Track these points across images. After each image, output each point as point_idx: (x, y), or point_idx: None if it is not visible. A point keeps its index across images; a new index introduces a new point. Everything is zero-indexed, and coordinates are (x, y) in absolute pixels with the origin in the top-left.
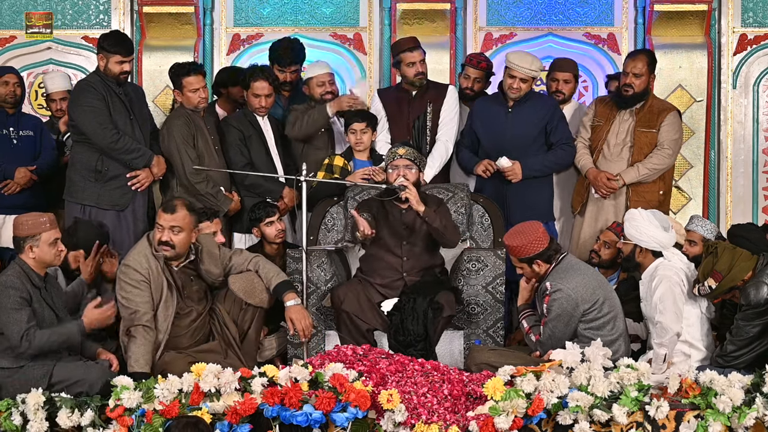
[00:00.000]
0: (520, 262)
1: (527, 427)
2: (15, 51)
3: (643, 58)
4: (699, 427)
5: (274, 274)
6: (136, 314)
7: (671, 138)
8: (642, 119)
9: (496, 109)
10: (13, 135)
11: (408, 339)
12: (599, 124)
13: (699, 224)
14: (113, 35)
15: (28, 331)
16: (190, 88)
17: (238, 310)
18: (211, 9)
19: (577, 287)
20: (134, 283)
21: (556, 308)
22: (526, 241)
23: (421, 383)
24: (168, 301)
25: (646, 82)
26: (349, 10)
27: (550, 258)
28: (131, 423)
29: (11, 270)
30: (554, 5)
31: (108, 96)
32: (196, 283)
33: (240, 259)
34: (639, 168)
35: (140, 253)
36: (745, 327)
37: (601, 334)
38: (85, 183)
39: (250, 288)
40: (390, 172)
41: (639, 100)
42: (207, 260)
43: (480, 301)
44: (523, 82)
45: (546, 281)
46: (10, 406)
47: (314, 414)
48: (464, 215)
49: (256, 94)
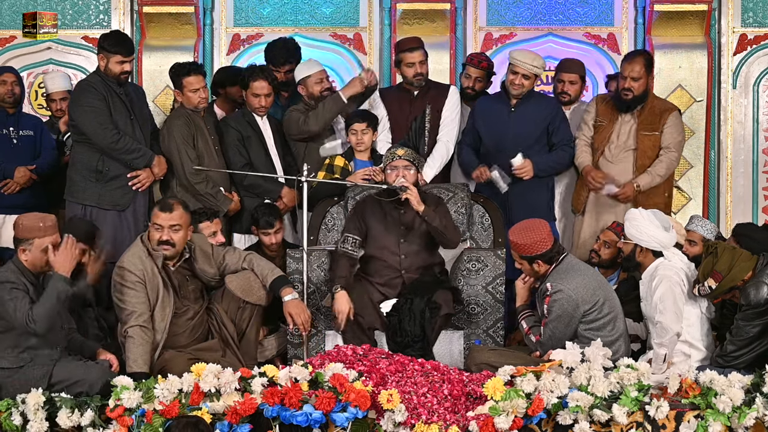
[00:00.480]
0: (521, 259)
1: (527, 427)
2: (15, 51)
3: (640, 60)
4: (699, 427)
5: (269, 271)
6: (133, 315)
7: (676, 140)
8: (644, 121)
9: (499, 107)
10: (13, 135)
11: (405, 340)
12: (602, 123)
13: (699, 224)
14: (113, 35)
15: (29, 312)
16: (190, 88)
17: (235, 308)
18: (211, 9)
19: (577, 288)
20: (130, 284)
21: (557, 309)
22: (531, 240)
23: (421, 383)
24: (165, 300)
25: (645, 84)
26: (349, 10)
27: (551, 259)
28: (131, 423)
29: (6, 267)
30: (554, 5)
31: (109, 96)
32: (192, 282)
33: (234, 258)
34: (653, 174)
35: (134, 255)
36: (745, 327)
37: (601, 334)
38: (86, 183)
39: (247, 286)
40: (389, 173)
41: (639, 102)
42: (201, 259)
43: (480, 301)
44: (525, 79)
45: (546, 282)
46: (10, 406)
47: (314, 414)
48: (464, 215)
49: (256, 93)
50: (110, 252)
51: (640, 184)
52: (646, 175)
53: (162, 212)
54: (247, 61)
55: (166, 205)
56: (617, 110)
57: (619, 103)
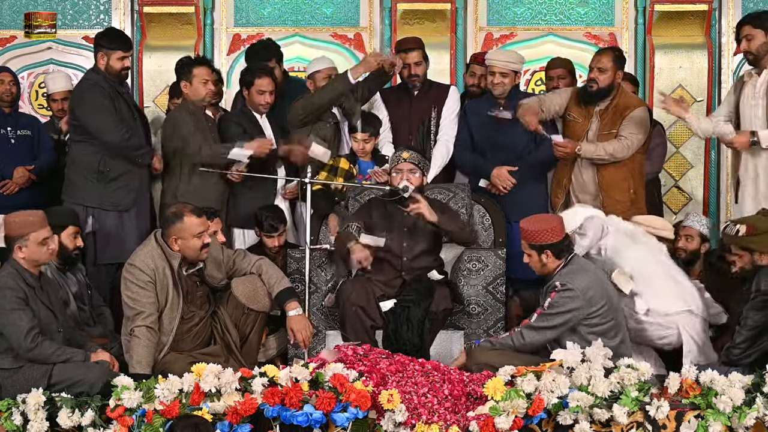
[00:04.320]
0: (530, 248)
1: (527, 427)
2: (15, 51)
3: (609, 53)
4: (699, 427)
5: (276, 280)
6: (141, 315)
7: (629, 131)
8: (606, 122)
9: (487, 109)
10: (10, 134)
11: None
12: (575, 120)
13: (695, 220)
14: (110, 32)
15: (33, 331)
16: (200, 79)
17: (240, 314)
18: (212, 9)
19: (587, 289)
20: (141, 283)
21: (562, 305)
22: (542, 227)
23: (422, 383)
24: (174, 303)
25: (612, 78)
26: (349, 10)
27: (560, 253)
28: (132, 423)
29: (4, 271)
30: (554, 5)
31: (113, 95)
32: (200, 288)
33: (244, 264)
34: (598, 146)
35: (147, 254)
36: (754, 316)
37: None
38: (87, 184)
39: (252, 293)
40: (394, 176)
41: (604, 95)
42: (211, 266)
43: (480, 301)
44: (503, 77)
45: (555, 280)
46: (10, 406)
47: (315, 414)
48: (465, 215)
49: (261, 90)
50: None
51: (582, 149)
52: (592, 144)
53: (207, 219)
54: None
55: (209, 213)
56: (583, 104)
57: (584, 94)
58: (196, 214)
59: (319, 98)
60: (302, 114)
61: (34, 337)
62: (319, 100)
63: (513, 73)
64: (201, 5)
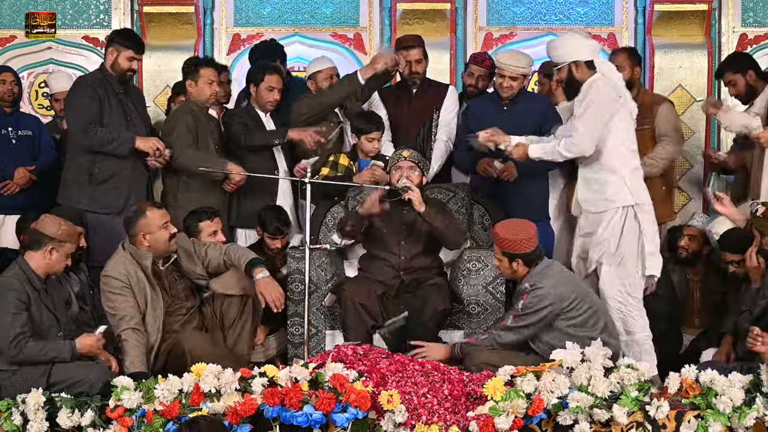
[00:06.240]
0: (502, 255)
1: (527, 427)
2: (15, 51)
3: (623, 52)
4: (699, 427)
5: (242, 255)
6: (124, 319)
7: (670, 127)
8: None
9: (491, 108)
10: (11, 135)
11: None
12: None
13: (700, 220)
14: (127, 31)
15: (19, 337)
16: (206, 80)
17: (220, 304)
18: (212, 9)
19: (555, 285)
20: (117, 290)
21: (535, 304)
22: (517, 237)
23: (422, 383)
24: (155, 302)
25: (630, 74)
26: (349, 10)
27: (531, 262)
28: (131, 423)
29: (11, 271)
30: (554, 5)
31: (105, 95)
32: (181, 281)
33: (215, 252)
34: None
35: (118, 262)
36: None
37: (584, 330)
38: (79, 186)
39: (227, 282)
40: (393, 174)
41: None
42: (185, 258)
43: (480, 301)
44: (513, 81)
45: (525, 283)
46: (10, 406)
47: (314, 414)
48: (464, 215)
49: (271, 87)
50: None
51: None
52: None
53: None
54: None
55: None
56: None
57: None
58: (157, 207)
59: (328, 98)
60: (308, 113)
61: (18, 343)
62: (328, 100)
63: (522, 77)
64: (201, 5)
